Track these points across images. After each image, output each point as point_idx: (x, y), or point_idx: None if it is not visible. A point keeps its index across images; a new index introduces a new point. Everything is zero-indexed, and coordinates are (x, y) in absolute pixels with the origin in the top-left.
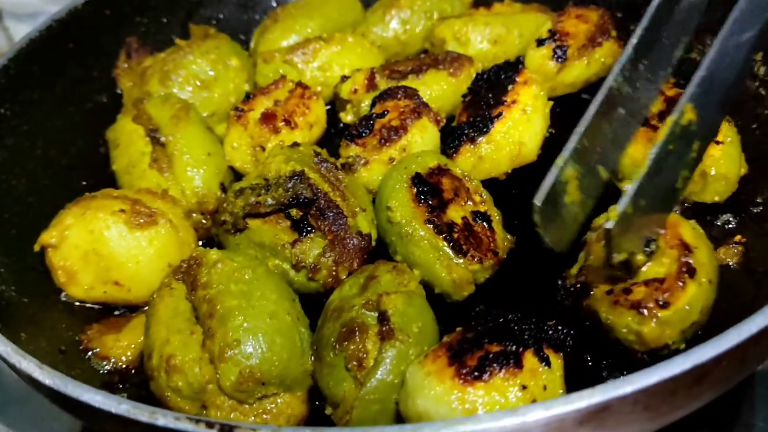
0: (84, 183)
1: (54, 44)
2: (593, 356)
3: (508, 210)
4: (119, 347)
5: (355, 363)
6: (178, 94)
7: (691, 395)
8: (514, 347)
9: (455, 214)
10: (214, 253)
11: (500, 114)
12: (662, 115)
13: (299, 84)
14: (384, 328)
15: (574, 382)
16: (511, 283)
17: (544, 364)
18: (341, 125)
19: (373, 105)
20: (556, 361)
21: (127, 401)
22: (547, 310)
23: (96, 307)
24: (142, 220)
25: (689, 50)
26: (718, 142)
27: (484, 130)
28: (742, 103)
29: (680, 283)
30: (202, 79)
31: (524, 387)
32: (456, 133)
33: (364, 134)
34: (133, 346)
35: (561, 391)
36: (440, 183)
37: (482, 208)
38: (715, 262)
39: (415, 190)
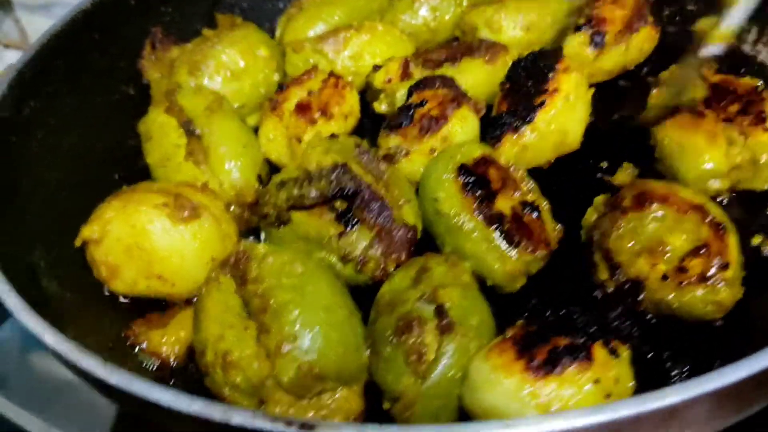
0: (116, 177)
1: (79, 35)
2: (653, 348)
3: (553, 200)
4: (167, 343)
5: (414, 357)
6: (208, 85)
7: None
8: (582, 339)
9: (504, 204)
10: (262, 247)
11: (543, 102)
12: (708, 103)
13: (332, 74)
14: (443, 322)
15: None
16: (562, 275)
17: (613, 356)
18: (372, 115)
19: (409, 94)
20: (624, 352)
21: (198, 399)
22: (603, 301)
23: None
24: (185, 214)
25: None
26: (767, 129)
27: (528, 119)
28: None
29: (723, 241)
30: (231, 70)
31: (597, 380)
32: (498, 123)
33: (404, 124)
34: (180, 341)
35: (631, 383)
36: (487, 173)
37: (530, 198)
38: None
39: (462, 180)
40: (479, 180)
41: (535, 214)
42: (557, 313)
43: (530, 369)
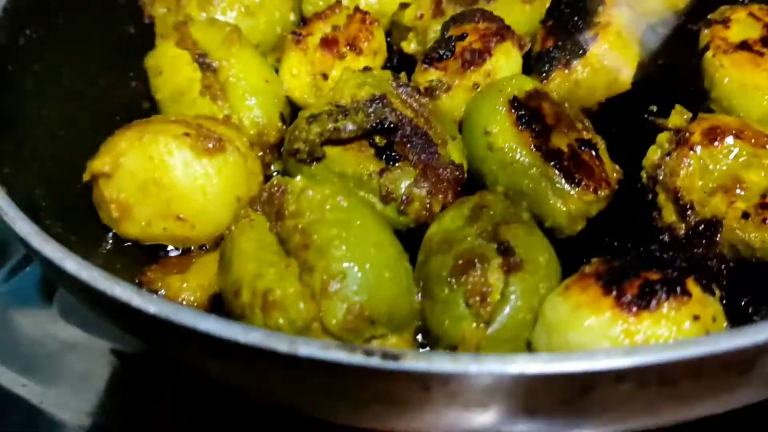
0: (118, 118)
1: None
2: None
3: (607, 142)
4: (188, 289)
5: (477, 298)
6: (221, 20)
7: None
8: (675, 274)
9: (560, 141)
10: (300, 181)
11: (596, 36)
12: (765, 41)
13: (358, 9)
14: (511, 260)
15: None
16: (623, 218)
17: (708, 293)
18: (397, 56)
19: (445, 30)
20: (717, 290)
21: (256, 329)
22: (673, 244)
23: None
24: (210, 145)
25: None
26: None
27: (580, 52)
28: None
29: None
30: (246, 5)
31: (696, 317)
32: (547, 57)
33: (445, 57)
34: (203, 287)
35: (726, 323)
36: (540, 107)
37: (586, 136)
38: None
39: (516, 113)
40: (534, 114)
41: (593, 153)
42: (634, 251)
43: (622, 305)
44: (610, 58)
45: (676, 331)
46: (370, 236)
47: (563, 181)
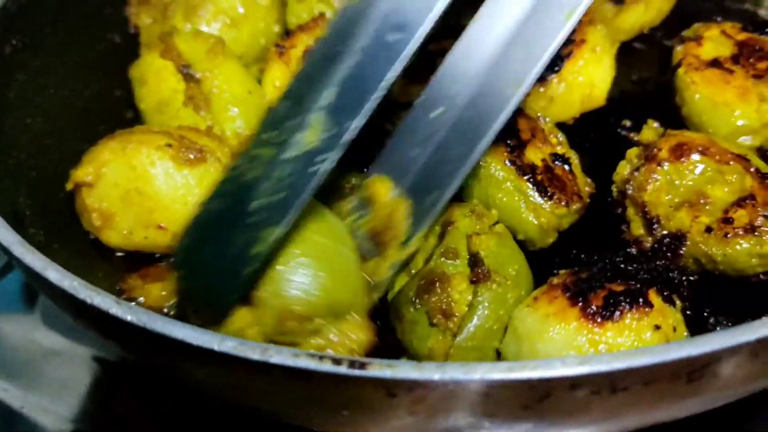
0: (102, 127)
1: None
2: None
3: (579, 156)
4: (168, 296)
5: (440, 316)
6: (205, 31)
7: None
8: (638, 285)
9: (534, 155)
10: None
11: (570, 53)
12: (736, 59)
13: None
14: (479, 270)
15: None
16: (593, 231)
17: (668, 303)
18: None
19: (428, 45)
20: (677, 300)
21: (231, 337)
22: (640, 257)
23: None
24: (191, 156)
25: None
26: None
27: (555, 68)
28: None
29: None
30: (231, 17)
31: (657, 327)
32: None
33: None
34: None
35: (686, 333)
36: (516, 122)
37: (560, 150)
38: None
39: None
40: (508, 129)
41: (566, 167)
42: (600, 263)
43: (587, 315)
44: (585, 74)
45: (637, 340)
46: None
47: (536, 195)
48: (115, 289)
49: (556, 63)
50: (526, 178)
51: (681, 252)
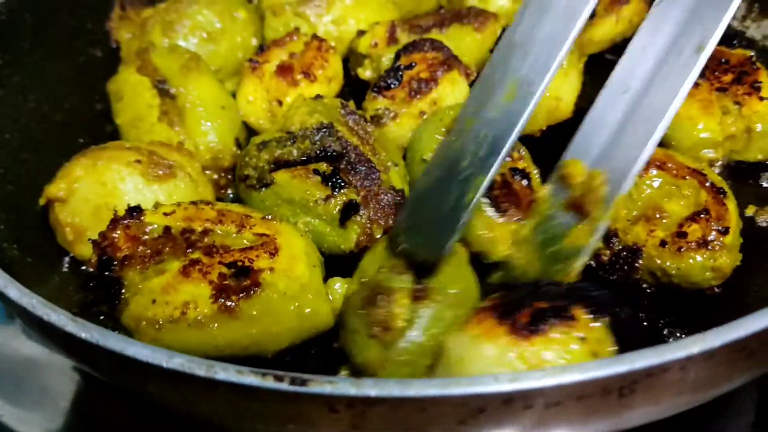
0: (81, 140)
1: None
2: (649, 317)
3: (544, 169)
4: None
5: (378, 328)
6: (183, 46)
7: None
8: (563, 303)
9: None
10: None
11: None
12: (701, 72)
13: (315, 37)
14: (418, 288)
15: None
16: None
17: (593, 318)
18: (355, 83)
19: (396, 58)
20: (602, 318)
21: (179, 355)
22: (598, 270)
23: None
24: (160, 172)
25: None
26: (762, 98)
27: None
28: None
29: (723, 205)
30: (208, 31)
31: (583, 338)
32: None
33: (392, 86)
34: None
35: (612, 347)
36: None
37: (521, 165)
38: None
39: None
40: None
41: (525, 182)
42: (528, 286)
43: (514, 331)
44: (551, 89)
45: (564, 351)
46: None
47: (489, 209)
48: (86, 301)
49: None
50: None
51: (637, 265)
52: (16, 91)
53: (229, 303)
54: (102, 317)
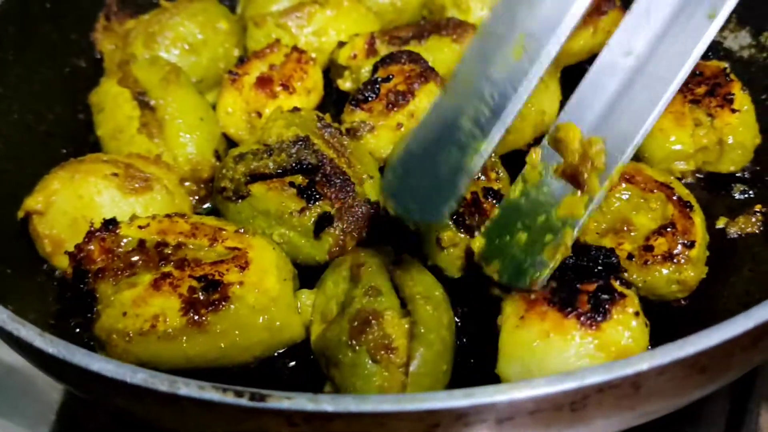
0: (64, 151)
1: (30, 3)
2: None
3: None
4: None
5: (383, 352)
6: (165, 57)
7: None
8: (602, 281)
9: None
10: None
11: None
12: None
13: (295, 48)
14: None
15: None
16: None
17: (629, 288)
18: (336, 93)
19: (375, 70)
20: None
21: (142, 370)
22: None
23: None
24: (136, 185)
25: None
26: (734, 110)
27: None
28: (751, 75)
29: (689, 219)
30: (190, 43)
31: (637, 313)
32: None
33: (370, 99)
34: None
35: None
36: None
37: (496, 186)
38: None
39: None
40: None
41: (495, 202)
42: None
43: (584, 323)
44: (535, 102)
45: (630, 330)
46: None
47: (453, 226)
48: (65, 311)
49: None
50: None
51: None
52: None
53: (197, 317)
54: (78, 329)
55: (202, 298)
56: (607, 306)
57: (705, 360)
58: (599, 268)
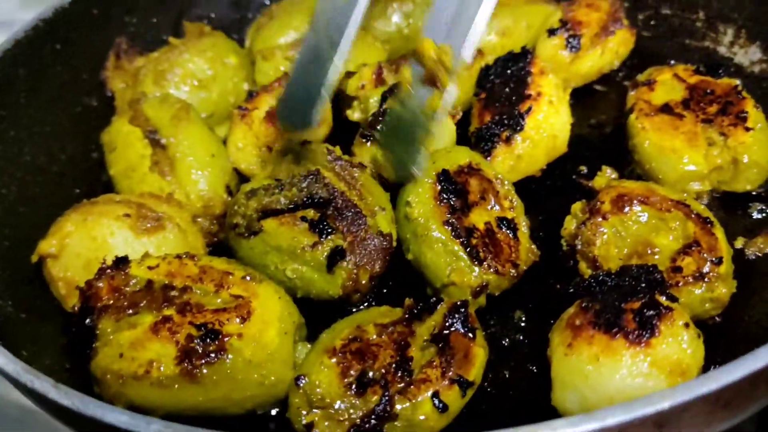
0: (77, 191)
1: (40, 45)
2: None
3: (546, 214)
4: None
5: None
6: (175, 94)
7: None
8: (646, 297)
9: (478, 218)
10: None
11: (530, 108)
12: (686, 104)
13: None
14: None
15: None
16: (546, 285)
17: (675, 302)
18: (344, 124)
19: (383, 100)
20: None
21: (157, 421)
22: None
23: None
24: (148, 225)
25: None
26: (748, 129)
27: (518, 127)
28: (763, 90)
29: (712, 235)
30: (199, 79)
31: (687, 324)
32: (487, 135)
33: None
34: None
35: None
36: (467, 183)
37: (509, 215)
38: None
39: (439, 187)
40: (457, 189)
41: (510, 233)
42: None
43: (633, 342)
44: (546, 127)
45: (681, 343)
46: None
47: (467, 258)
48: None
49: (517, 121)
50: (459, 240)
51: None
52: (11, 145)
53: (191, 367)
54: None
55: (199, 348)
56: (654, 322)
57: (729, 394)
58: (642, 285)
